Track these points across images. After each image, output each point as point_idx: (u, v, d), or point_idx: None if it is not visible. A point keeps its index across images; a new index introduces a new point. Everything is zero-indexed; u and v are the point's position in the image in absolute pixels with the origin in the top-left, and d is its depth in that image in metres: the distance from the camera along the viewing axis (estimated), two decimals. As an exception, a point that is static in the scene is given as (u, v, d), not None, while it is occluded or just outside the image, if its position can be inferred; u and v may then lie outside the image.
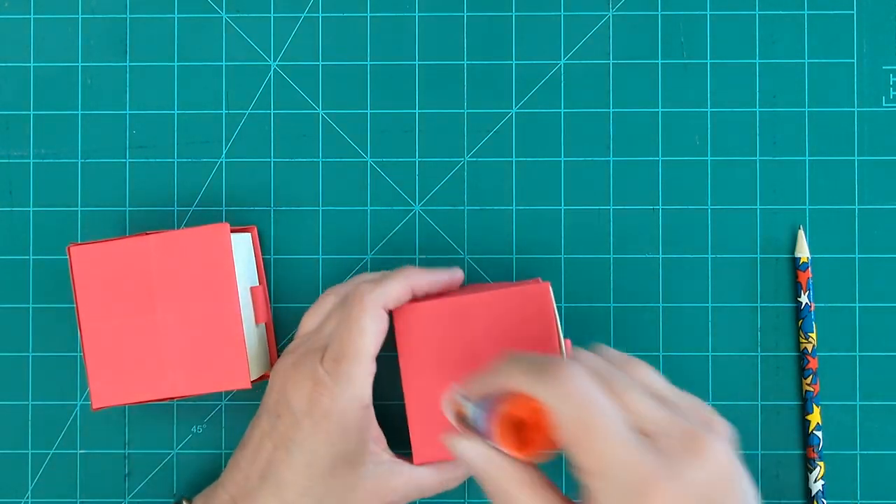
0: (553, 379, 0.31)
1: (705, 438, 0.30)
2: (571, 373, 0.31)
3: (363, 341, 0.39)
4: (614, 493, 0.29)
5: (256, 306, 0.45)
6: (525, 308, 0.40)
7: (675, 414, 0.31)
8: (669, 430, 0.30)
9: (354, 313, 0.39)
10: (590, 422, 0.30)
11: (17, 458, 0.47)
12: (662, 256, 0.47)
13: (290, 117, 0.48)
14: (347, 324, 0.39)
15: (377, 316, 0.39)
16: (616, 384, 0.31)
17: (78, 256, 0.42)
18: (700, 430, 0.30)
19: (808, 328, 0.46)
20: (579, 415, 0.30)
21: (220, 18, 0.48)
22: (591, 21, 0.48)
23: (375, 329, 0.39)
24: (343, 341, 0.39)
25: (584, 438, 0.30)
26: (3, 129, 0.48)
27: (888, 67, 0.47)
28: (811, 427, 0.46)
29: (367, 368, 0.39)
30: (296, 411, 0.39)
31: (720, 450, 0.30)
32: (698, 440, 0.30)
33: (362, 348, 0.39)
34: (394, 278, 0.40)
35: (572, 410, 0.30)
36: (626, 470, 0.29)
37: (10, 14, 0.48)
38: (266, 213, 0.48)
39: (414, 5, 0.48)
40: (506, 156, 0.47)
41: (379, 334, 0.39)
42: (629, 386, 0.32)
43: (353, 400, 0.39)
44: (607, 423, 0.30)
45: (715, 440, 0.30)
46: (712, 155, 0.47)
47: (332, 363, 0.39)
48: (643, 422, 0.31)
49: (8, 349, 0.47)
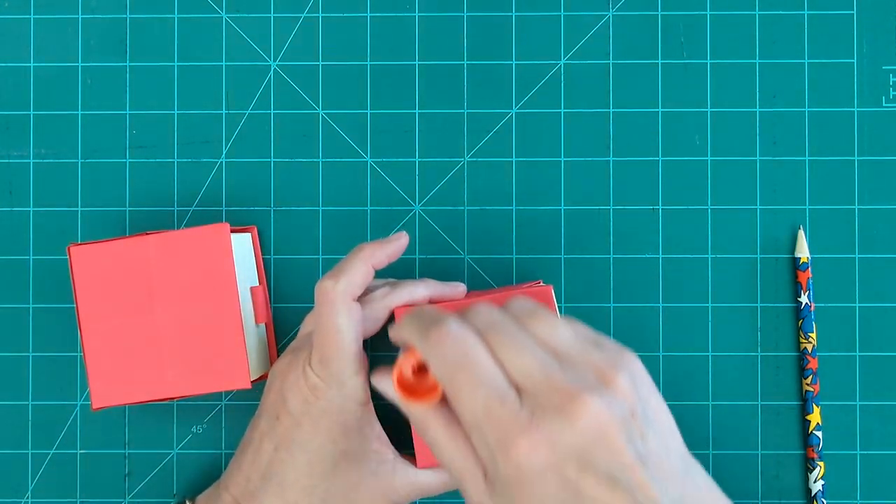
0: (429, 336, 0.31)
1: (580, 398, 0.29)
2: (447, 330, 0.31)
3: (341, 340, 0.38)
4: (484, 445, 0.30)
5: (256, 306, 0.45)
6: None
7: (562, 370, 0.30)
8: (544, 387, 0.30)
9: (325, 313, 0.38)
10: (459, 377, 0.30)
11: (17, 458, 0.47)
12: (662, 256, 0.47)
13: (290, 117, 0.48)
14: (322, 325, 0.39)
15: (348, 309, 0.38)
16: (501, 339, 0.31)
17: (78, 256, 0.42)
18: (578, 389, 0.29)
19: (808, 328, 0.46)
20: (449, 370, 0.31)
21: (220, 18, 0.48)
22: (591, 21, 0.48)
23: (350, 323, 0.38)
24: (323, 343, 0.39)
25: (455, 393, 0.31)
26: (3, 129, 0.48)
27: (888, 67, 0.47)
28: (811, 427, 0.46)
29: (353, 366, 0.39)
30: (294, 412, 0.39)
31: (594, 409, 0.29)
32: (572, 399, 0.29)
33: (343, 347, 0.38)
34: (352, 264, 0.39)
35: (442, 366, 0.31)
36: (493, 424, 0.30)
37: (10, 14, 0.48)
38: (266, 213, 0.48)
39: (414, 5, 0.48)
40: (506, 156, 0.47)
41: (355, 326, 0.39)
42: (516, 341, 0.31)
43: (348, 399, 0.39)
44: (474, 380, 0.30)
45: (592, 398, 0.29)
46: (712, 155, 0.47)
47: (319, 366, 0.39)
48: (522, 378, 0.31)
49: (8, 349, 0.47)
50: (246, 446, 0.41)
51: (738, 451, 0.46)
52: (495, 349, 0.31)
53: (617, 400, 0.30)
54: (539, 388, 0.30)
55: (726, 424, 0.46)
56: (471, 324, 0.32)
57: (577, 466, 0.29)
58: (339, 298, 0.38)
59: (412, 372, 0.33)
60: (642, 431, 0.30)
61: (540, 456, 0.29)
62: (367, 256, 0.40)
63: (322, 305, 0.39)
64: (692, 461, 0.32)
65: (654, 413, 0.31)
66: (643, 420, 0.30)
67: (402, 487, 0.40)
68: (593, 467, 0.29)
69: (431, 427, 0.33)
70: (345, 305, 0.38)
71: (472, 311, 0.33)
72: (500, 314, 0.33)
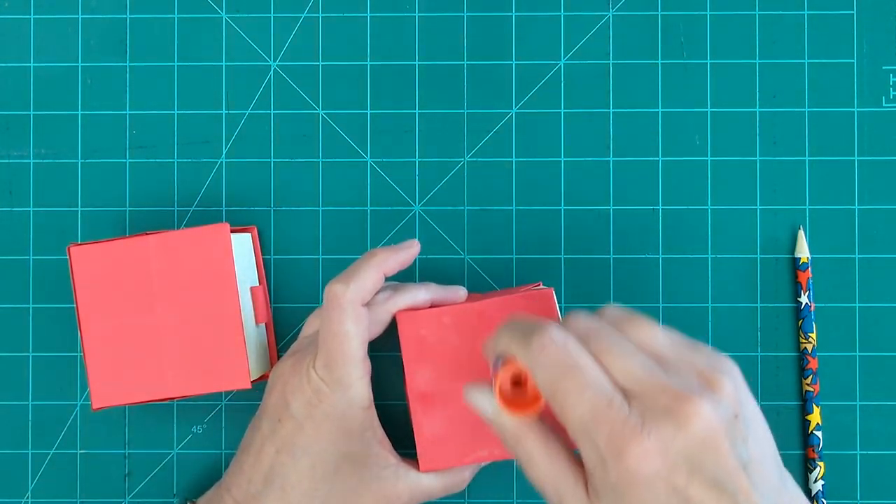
0: (532, 344, 0.31)
1: (690, 400, 0.29)
2: (550, 337, 0.31)
3: (348, 345, 0.38)
4: (593, 451, 0.30)
5: (256, 306, 0.45)
6: (528, 312, 0.40)
7: (666, 374, 0.31)
8: (652, 390, 0.30)
9: (334, 318, 0.38)
10: (565, 383, 0.30)
11: (17, 458, 0.47)
12: (662, 256, 0.47)
13: (290, 117, 0.48)
14: (329, 329, 0.38)
15: (356, 315, 0.38)
16: (603, 345, 0.31)
17: (78, 256, 0.42)
18: (687, 391, 0.30)
19: (808, 328, 0.46)
20: (553, 377, 0.31)
21: (220, 18, 0.48)
22: (591, 21, 0.48)
23: (358, 329, 0.39)
24: (329, 348, 0.38)
25: (561, 400, 0.31)
26: (3, 129, 0.48)
27: (888, 67, 0.47)
28: (811, 427, 0.46)
29: (358, 370, 0.39)
30: (297, 415, 0.39)
31: (705, 413, 0.29)
32: (681, 402, 0.29)
33: (349, 352, 0.38)
34: (363, 269, 0.39)
35: (547, 373, 0.31)
36: (603, 428, 0.30)
37: (10, 14, 0.48)
38: (266, 213, 0.48)
39: (414, 5, 0.48)
40: (506, 156, 0.47)
41: (363, 332, 0.39)
42: (617, 346, 0.31)
43: (352, 403, 0.39)
44: (581, 385, 0.30)
45: (702, 402, 0.29)
46: (712, 155, 0.47)
47: (324, 370, 0.39)
48: (627, 382, 0.31)
49: (8, 349, 0.47)
50: (247, 448, 0.41)
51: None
52: (598, 355, 0.31)
53: (723, 404, 0.30)
54: (646, 392, 0.30)
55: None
56: (571, 331, 0.32)
57: (686, 472, 0.29)
58: (348, 303, 0.38)
59: (510, 384, 0.34)
60: (744, 436, 0.30)
61: (653, 462, 0.29)
62: (378, 262, 0.40)
63: (331, 309, 0.38)
64: (784, 469, 0.32)
65: (753, 418, 0.31)
66: (744, 425, 0.31)
67: (405, 491, 0.40)
68: (701, 472, 0.29)
69: (528, 440, 0.33)
70: (353, 311, 0.38)
71: (569, 320, 0.33)
72: (598, 321, 0.33)
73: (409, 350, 0.41)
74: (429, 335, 0.41)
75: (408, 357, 0.41)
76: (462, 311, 0.41)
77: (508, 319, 0.34)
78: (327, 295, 0.39)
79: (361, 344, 0.39)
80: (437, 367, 0.40)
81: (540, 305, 0.40)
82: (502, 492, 0.47)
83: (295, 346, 0.42)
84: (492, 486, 0.46)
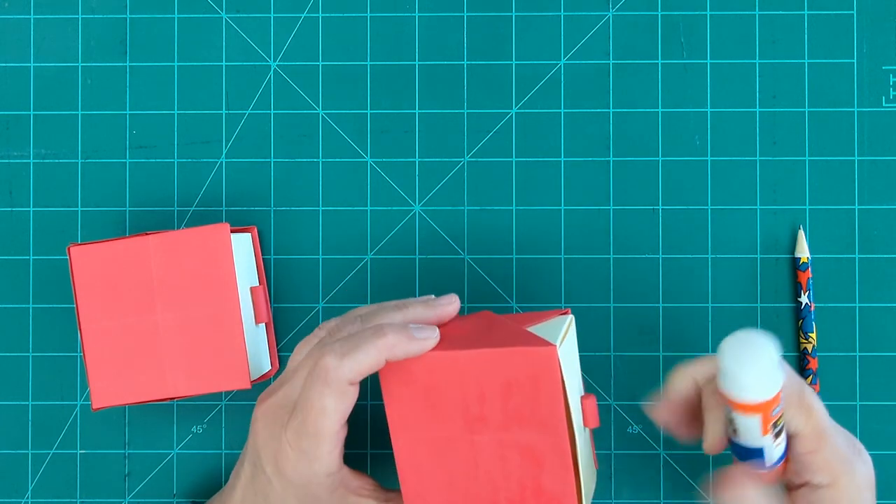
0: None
1: (859, 446, 0.39)
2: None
3: (323, 421, 0.35)
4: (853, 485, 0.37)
5: (256, 306, 0.45)
6: (526, 370, 0.35)
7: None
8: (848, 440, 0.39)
9: (315, 391, 0.35)
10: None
11: (17, 458, 0.47)
12: (662, 256, 0.47)
13: (290, 117, 0.48)
14: (308, 399, 0.36)
15: (340, 393, 0.35)
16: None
17: (78, 256, 0.42)
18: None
19: (808, 328, 0.46)
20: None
21: (220, 18, 0.48)
22: (591, 21, 0.48)
23: (337, 407, 0.36)
24: (304, 418, 0.36)
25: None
26: (3, 129, 0.48)
27: (888, 67, 0.47)
28: (811, 427, 0.46)
29: (328, 445, 0.36)
30: (267, 472, 0.38)
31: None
32: (858, 445, 0.39)
33: (322, 429, 0.36)
34: (366, 348, 0.35)
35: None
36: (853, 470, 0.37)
37: (10, 14, 0.48)
38: (266, 213, 0.48)
39: (414, 5, 0.48)
40: (506, 156, 0.47)
41: (344, 409, 0.36)
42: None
43: (316, 473, 0.37)
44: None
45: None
46: (712, 155, 0.47)
47: (293, 435, 0.36)
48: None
49: (8, 349, 0.47)
50: (235, 481, 0.40)
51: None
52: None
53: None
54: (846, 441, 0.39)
55: None
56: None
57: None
58: (334, 381, 0.35)
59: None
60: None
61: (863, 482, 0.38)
62: (385, 348, 0.36)
63: (315, 380, 0.36)
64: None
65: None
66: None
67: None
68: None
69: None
70: (339, 388, 0.35)
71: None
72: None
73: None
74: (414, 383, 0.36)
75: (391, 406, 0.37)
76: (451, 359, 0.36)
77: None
78: (317, 365, 0.36)
79: (339, 420, 0.36)
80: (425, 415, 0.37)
81: (539, 364, 0.35)
82: (502, 492, 0.47)
83: (278, 380, 0.39)
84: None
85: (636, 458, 0.47)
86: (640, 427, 0.47)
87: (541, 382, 0.35)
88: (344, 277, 0.47)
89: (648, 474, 0.47)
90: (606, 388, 0.47)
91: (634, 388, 0.47)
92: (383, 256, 0.47)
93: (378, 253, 0.47)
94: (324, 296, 0.47)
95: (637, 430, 0.47)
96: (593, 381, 0.47)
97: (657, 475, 0.47)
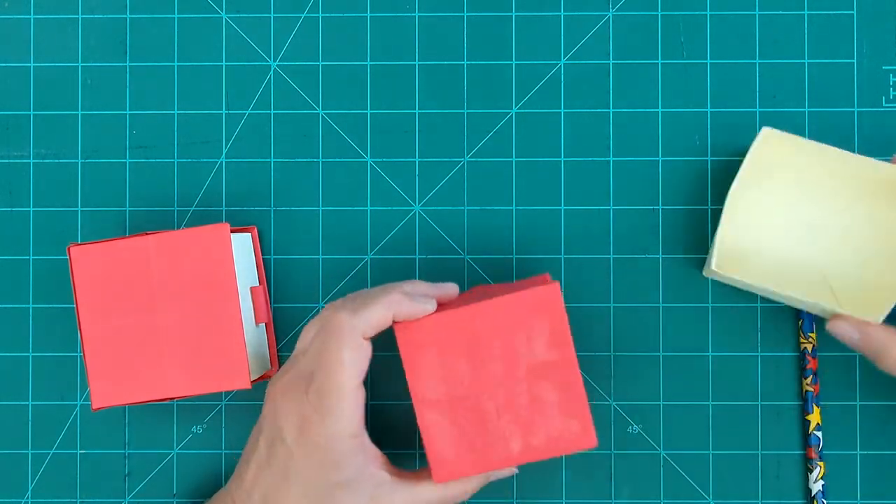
0: None
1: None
2: None
3: (343, 376, 0.37)
4: None
5: (256, 306, 0.45)
6: (533, 310, 0.39)
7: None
8: None
9: (332, 346, 0.37)
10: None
11: (17, 458, 0.47)
12: (662, 256, 0.47)
13: (290, 117, 0.48)
14: (326, 356, 0.38)
15: (356, 346, 0.38)
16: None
17: (78, 256, 0.42)
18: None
19: (807, 328, 0.46)
20: None
21: (220, 18, 0.48)
22: (591, 21, 0.48)
23: (355, 360, 0.38)
24: (323, 376, 0.38)
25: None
26: (3, 129, 0.48)
27: (888, 67, 0.47)
28: (811, 427, 0.46)
29: (351, 402, 0.38)
30: (288, 441, 0.38)
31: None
32: None
33: (343, 383, 0.37)
34: (374, 305, 0.38)
35: None
36: None
37: (10, 14, 0.48)
38: (266, 213, 0.48)
39: (414, 5, 0.48)
40: (506, 156, 0.47)
41: (361, 363, 0.38)
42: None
43: (341, 433, 0.38)
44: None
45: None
46: (712, 155, 0.47)
47: (315, 396, 0.38)
48: None
49: (8, 349, 0.47)
50: (247, 461, 0.40)
51: (738, 451, 0.46)
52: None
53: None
54: None
55: (726, 424, 0.46)
56: None
57: None
58: (348, 333, 0.37)
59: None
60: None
61: None
62: (392, 303, 0.38)
63: (330, 336, 0.38)
64: None
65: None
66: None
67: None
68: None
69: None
70: (354, 341, 0.38)
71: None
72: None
73: (410, 360, 0.40)
74: (429, 342, 0.40)
75: (410, 367, 0.39)
76: (462, 315, 0.40)
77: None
78: (330, 320, 0.38)
79: (357, 374, 0.38)
80: (442, 374, 0.40)
81: (545, 303, 0.39)
82: (502, 492, 0.47)
83: (289, 362, 0.40)
84: (492, 486, 0.46)
85: (636, 458, 0.47)
86: (640, 427, 0.47)
87: (548, 318, 0.39)
88: (344, 277, 0.47)
89: (648, 474, 0.47)
90: (606, 388, 0.47)
91: (634, 388, 0.47)
92: (383, 256, 0.47)
93: (378, 253, 0.47)
94: (324, 296, 0.47)
95: (637, 430, 0.47)
96: (593, 381, 0.47)
97: (657, 475, 0.47)
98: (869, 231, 0.44)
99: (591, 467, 0.47)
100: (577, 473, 0.47)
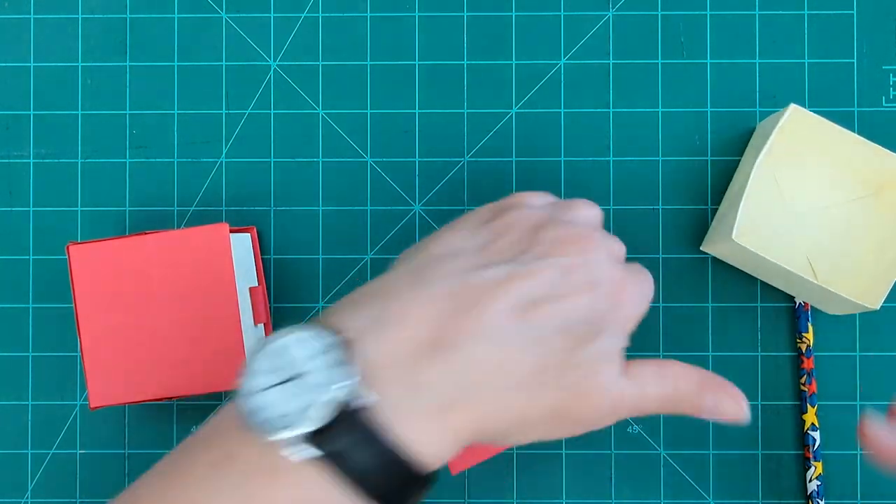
0: None
1: None
2: None
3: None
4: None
5: (256, 306, 0.45)
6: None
7: None
8: None
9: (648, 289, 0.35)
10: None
11: (17, 458, 0.47)
12: (662, 256, 0.47)
13: (290, 117, 0.48)
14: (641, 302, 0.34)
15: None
16: None
17: (77, 256, 0.42)
18: None
19: (802, 328, 0.46)
20: None
21: (220, 18, 0.48)
22: (591, 21, 0.48)
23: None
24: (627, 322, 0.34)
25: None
26: (3, 129, 0.48)
27: (888, 67, 0.47)
28: (806, 427, 0.46)
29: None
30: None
31: None
32: None
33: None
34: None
35: None
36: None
37: (10, 14, 0.48)
38: (266, 213, 0.48)
39: (414, 5, 0.48)
40: (506, 156, 0.47)
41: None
42: None
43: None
44: None
45: None
46: (712, 155, 0.47)
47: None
48: None
49: (8, 349, 0.47)
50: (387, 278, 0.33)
51: (738, 451, 0.46)
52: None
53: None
54: None
55: (726, 424, 0.46)
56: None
57: None
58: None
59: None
60: None
61: None
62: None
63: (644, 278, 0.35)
64: None
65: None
66: None
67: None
68: None
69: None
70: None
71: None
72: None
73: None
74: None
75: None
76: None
77: None
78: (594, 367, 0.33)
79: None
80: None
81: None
82: (502, 492, 0.47)
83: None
84: (492, 486, 0.46)
85: (636, 458, 0.47)
86: (640, 427, 0.47)
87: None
88: (344, 277, 0.47)
89: (648, 474, 0.47)
90: (606, 388, 0.47)
91: (634, 388, 0.47)
92: (383, 256, 0.47)
93: (378, 253, 0.47)
94: (323, 296, 0.47)
95: (637, 430, 0.47)
96: (593, 381, 0.47)
97: (657, 475, 0.47)
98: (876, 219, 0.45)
99: (591, 467, 0.47)
100: (577, 473, 0.47)
